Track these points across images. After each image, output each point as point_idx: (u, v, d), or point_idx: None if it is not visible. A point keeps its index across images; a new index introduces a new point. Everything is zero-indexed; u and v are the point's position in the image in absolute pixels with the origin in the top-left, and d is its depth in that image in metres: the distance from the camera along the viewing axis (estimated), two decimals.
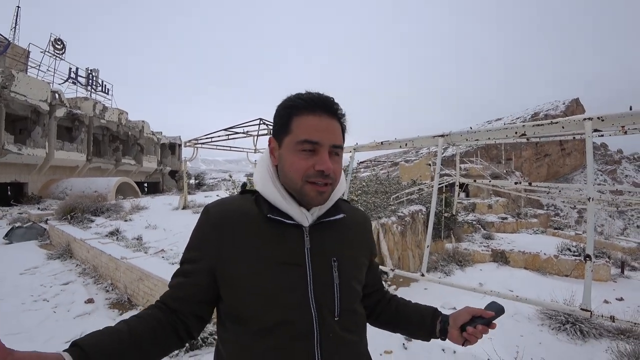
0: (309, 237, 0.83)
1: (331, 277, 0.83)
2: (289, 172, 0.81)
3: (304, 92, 0.84)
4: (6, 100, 16.34)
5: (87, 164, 21.95)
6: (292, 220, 0.83)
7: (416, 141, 2.51)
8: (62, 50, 23.50)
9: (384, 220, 8.15)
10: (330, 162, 0.80)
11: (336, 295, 0.82)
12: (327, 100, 0.82)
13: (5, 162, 16.72)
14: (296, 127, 0.80)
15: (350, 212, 0.96)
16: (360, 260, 0.94)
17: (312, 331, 0.77)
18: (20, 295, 4.93)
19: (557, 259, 10.22)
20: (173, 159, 32.42)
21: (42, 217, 11.22)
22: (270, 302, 0.77)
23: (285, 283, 0.78)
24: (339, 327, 0.81)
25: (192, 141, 13.06)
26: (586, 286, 2.22)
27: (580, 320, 5.16)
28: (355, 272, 0.90)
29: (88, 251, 6.34)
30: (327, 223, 0.87)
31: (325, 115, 0.81)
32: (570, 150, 48.86)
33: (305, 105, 0.81)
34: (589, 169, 2.38)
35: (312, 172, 0.79)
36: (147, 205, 12.28)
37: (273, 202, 0.84)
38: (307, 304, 0.78)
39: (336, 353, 0.80)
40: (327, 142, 0.80)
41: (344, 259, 0.86)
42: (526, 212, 21.19)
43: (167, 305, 0.81)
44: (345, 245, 0.89)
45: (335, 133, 0.82)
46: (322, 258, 0.83)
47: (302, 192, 0.80)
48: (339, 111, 0.84)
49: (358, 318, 0.89)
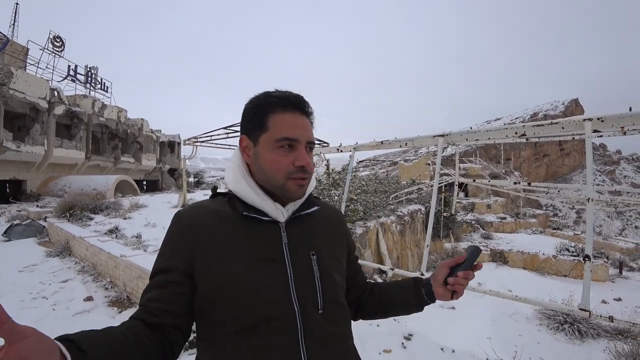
0: (286, 232, 0.84)
1: (311, 271, 0.83)
2: (270, 169, 0.82)
3: (273, 91, 0.85)
4: (5, 98, 16.28)
5: (86, 161, 21.90)
6: (267, 217, 0.83)
7: (416, 141, 2.51)
8: (61, 48, 23.42)
9: (383, 220, 8.16)
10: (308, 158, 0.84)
11: (318, 288, 0.82)
12: (300, 98, 0.85)
13: (4, 159, 16.67)
14: (273, 124, 0.81)
15: (322, 206, 0.98)
16: (338, 252, 0.94)
17: (295, 326, 0.77)
18: (19, 292, 4.92)
19: (555, 259, 10.25)
20: (172, 157, 32.37)
21: (41, 214, 11.21)
22: (251, 301, 0.76)
23: (265, 280, 0.78)
24: (323, 320, 0.81)
25: (192, 139, 13.02)
26: (585, 286, 2.23)
27: (579, 320, 5.19)
28: (335, 264, 0.90)
29: (87, 249, 6.33)
30: (302, 217, 0.88)
31: (299, 112, 0.84)
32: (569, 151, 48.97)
33: (281, 103, 0.82)
34: (588, 170, 2.39)
35: (293, 168, 0.81)
36: (146, 204, 12.26)
37: (247, 200, 0.84)
38: (289, 299, 0.78)
39: (321, 346, 0.79)
40: (304, 139, 0.83)
41: (322, 252, 0.87)
42: (525, 212, 21.25)
43: (145, 322, 0.74)
44: (322, 238, 0.90)
45: (309, 130, 0.85)
46: (300, 252, 0.83)
47: (284, 188, 0.82)
48: (310, 109, 0.87)
49: (342, 310, 0.89)
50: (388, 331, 4.02)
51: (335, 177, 7.86)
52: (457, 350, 3.68)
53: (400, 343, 3.75)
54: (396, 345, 3.69)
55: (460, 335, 4.61)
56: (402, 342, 3.79)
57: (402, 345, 3.73)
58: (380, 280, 6.91)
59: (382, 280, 6.96)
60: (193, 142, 12.98)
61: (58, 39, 23.26)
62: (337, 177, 7.92)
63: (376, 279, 6.96)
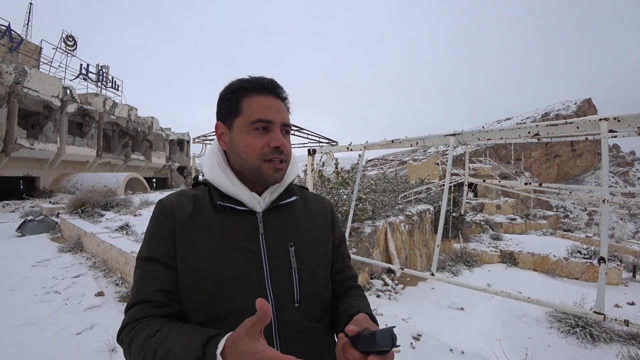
0: (262, 223, 0.82)
1: (288, 262, 0.81)
2: (244, 152, 0.81)
3: (247, 77, 0.85)
4: (19, 96, 16.60)
5: (97, 159, 22.23)
6: (243, 207, 0.82)
7: (427, 140, 2.49)
8: (74, 47, 23.78)
9: (391, 219, 8.13)
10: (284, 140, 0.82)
11: (295, 281, 0.80)
12: (273, 82, 0.84)
13: (18, 156, 17.02)
14: (247, 107, 0.81)
15: (306, 196, 0.97)
16: (321, 242, 0.90)
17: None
18: (33, 286, 5.02)
19: (567, 261, 10.10)
20: (181, 155, 32.67)
21: (54, 210, 11.40)
22: (224, 292, 0.74)
23: (239, 271, 0.76)
24: (300, 314, 0.79)
25: (201, 137, 13.14)
26: (600, 289, 2.18)
27: (590, 323, 5.10)
28: (316, 256, 0.87)
29: (98, 245, 6.43)
30: (280, 207, 0.87)
31: (273, 96, 0.83)
32: (582, 151, 48.13)
33: (254, 86, 0.82)
34: (604, 171, 2.34)
35: (268, 149, 0.80)
36: (156, 201, 12.40)
37: (223, 189, 0.84)
38: (263, 292, 0.76)
39: (298, 342, 0.77)
40: (279, 121, 0.82)
41: (302, 243, 0.84)
42: (535, 214, 20.96)
43: (162, 316, 0.73)
44: (302, 228, 0.88)
45: (284, 112, 0.84)
46: (277, 243, 0.81)
47: (260, 171, 0.81)
48: (284, 93, 0.86)
49: (322, 303, 0.86)
50: (396, 331, 4.00)
51: (345, 176, 7.84)
52: (466, 352, 3.65)
53: (409, 343, 3.73)
54: (405, 345, 3.66)
55: (470, 336, 4.57)
56: (410, 342, 3.77)
57: (410, 345, 3.70)
58: (389, 280, 6.89)
59: (390, 280, 6.93)
60: (202, 140, 13.08)
61: (70, 38, 23.61)
62: (346, 176, 7.90)
63: (385, 278, 6.93)
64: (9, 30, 20.31)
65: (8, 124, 16.10)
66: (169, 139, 30.66)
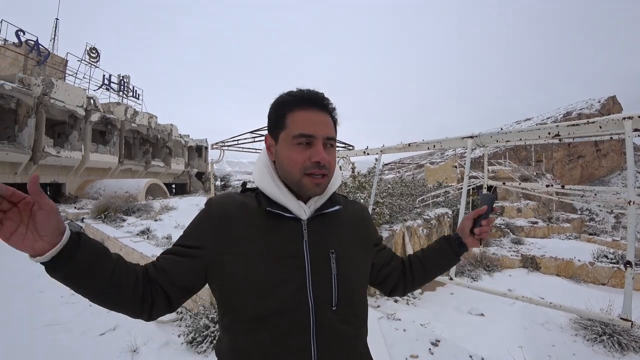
0: (307, 230, 0.86)
1: (329, 268, 0.85)
2: (287, 165, 0.85)
3: (295, 90, 0.88)
4: (46, 107, 17.35)
5: (119, 165, 22.94)
6: (290, 214, 0.86)
7: (444, 142, 2.47)
8: (97, 59, 24.72)
9: (409, 223, 8.04)
10: (325, 154, 0.84)
11: (334, 285, 0.84)
12: (318, 95, 0.87)
13: (45, 164, 17.75)
14: (291, 122, 0.84)
15: (347, 205, 1.00)
16: (360, 250, 0.96)
17: (308, 321, 0.79)
18: (59, 289, 5.20)
19: (592, 266, 9.71)
20: (200, 161, 33.31)
21: (79, 215, 11.82)
22: (269, 293, 0.79)
23: (283, 274, 0.80)
24: (336, 317, 0.83)
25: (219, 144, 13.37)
26: (627, 294, 2.10)
27: (619, 331, 4.88)
28: (354, 264, 0.91)
29: (121, 249, 6.62)
30: (324, 216, 0.90)
31: (317, 109, 0.86)
32: (607, 151, 46.30)
33: (298, 101, 0.85)
34: (629, 171, 2.26)
35: (309, 164, 0.83)
36: (176, 206, 12.66)
37: (272, 197, 0.87)
38: (305, 294, 0.80)
39: (332, 343, 0.81)
40: (321, 135, 0.84)
41: (342, 251, 0.88)
42: (558, 217, 20.29)
43: (147, 272, 0.80)
44: (343, 236, 0.92)
45: (328, 126, 0.87)
46: (319, 250, 0.85)
47: (301, 184, 0.84)
48: (330, 105, 0.89)
49: (358, 309, 0.90)
50: (415, 336, 3.95)
51: (362, 180, 7.83)
52: (486, 358, 3.57)
53: (428, 349, 3.68)
54: (423, 350, 3.61)
55: (490, 342, 4.45)
56: (429, 347, 3.71)
57: (429, 351, 3.65)
58: None
59: None
60: (220, 146, 13.30)
61: (94, 51, 24.57)
62: (362, 180, 7.88)
63: None
64: (37, 44, 21.33)
65: (36, 134, 16.84)
66: (187, 146, 31.34)
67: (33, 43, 21.18)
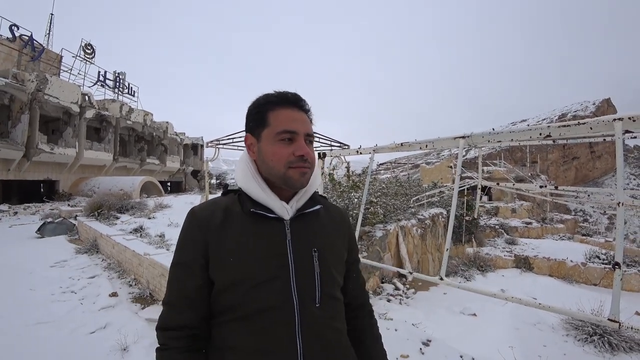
0: (290, 230, 0.89)
1: (312, 266, 0.88)
2: (272, 161, 0.88)
3: (273, 92, 0.93)
4: (40, 103, 17.18)
5: (114, 163, 22.79)
6: (273, 214, 0.89)
7: (436, 142, 2.47)
8: (92, 55, 24.50)
9: (403, 223, 8.05)
10: (307, 149, 0.89)
11: (317, 283, 0.87)
12: (296, 96, 0.92)
13: (39, 160, 17.59)
14: (273, 120, 0.89)
15: (327, 205, 1.03)
16: (339, 250, 0.99)
17: (293, 317, 0.83)
18: (51, 286, 5.16)
19: (584, 266, 9.80)
20: (195, 159, 33.19)
21: (72, 213, 11.71)
22: (256, 292, 0.82)
23: (268, 273, 0.84)
24: (320, 313, 0.86)
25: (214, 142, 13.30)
26: (614, 295, 2.11)
27: (609, 332, 4.92)
28: (335, 262, 0.95)
29: (113, 247, 6.57)
30: (306, 215, 0.93)
31: (296, 108, 0.91)
32: (601, 153, 46.69)
33: (279, 100, 0.91)
34: (618, 172, 2.27)
35: (293, 158, 0.87)
36: (170, 204, 12.60)
37: (255, 197, 0.90)
38: (289, 292, 0.84)
39: (317, 338, 0.84)
40: (303, 131, 0.89)
41: (324, 249, 0.92)
42: (552, 217, 20.45)
43: (188, 329, 0.85)
44: (325, 235, 0.95)
45: (307, 123, 0.92)
46: (303, 248, 0.89)
47: (286, 176, 0.87)
48: (306, 106, 0.94)
49: (338, 305, 0.94)
50: (406, 336, 3.96)
51: (355, 179, 7.83)
52: (477, 358, 3.58)
53: (418, 349, 3.68)
54: (414, 350, 3.62)
55: (481, 343, 4.47)
56: (420, 347, 3.72)
57: (420, 350, 3.66)
58: (400, 284, 6.82)
59: (402, 284, 6.86)
60: (215, 144, 13.24)
61: (89, 47, 24.35)
62: (357, 179, 7.88)
63: (396, 282, 6.87)
64: (31, 40, 21.10)
65: (30, 130, 16.67)
66: (183, 144, 31.21)
67: (27, 38, 20.95)
